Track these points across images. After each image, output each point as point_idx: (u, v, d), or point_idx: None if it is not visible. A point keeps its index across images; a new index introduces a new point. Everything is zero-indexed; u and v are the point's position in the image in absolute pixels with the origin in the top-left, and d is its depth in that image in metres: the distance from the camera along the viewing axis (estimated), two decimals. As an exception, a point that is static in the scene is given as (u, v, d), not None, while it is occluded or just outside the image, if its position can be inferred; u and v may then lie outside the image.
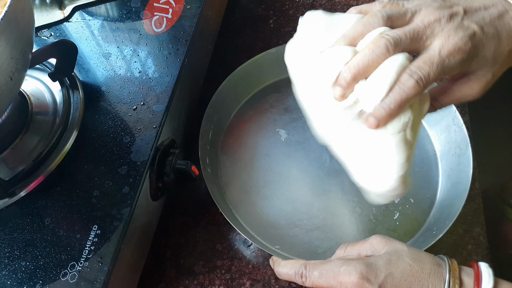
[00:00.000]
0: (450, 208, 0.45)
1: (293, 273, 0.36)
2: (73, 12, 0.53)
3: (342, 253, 0.37)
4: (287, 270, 0.37)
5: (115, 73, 0.48)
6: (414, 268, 0.32)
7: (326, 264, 0.34)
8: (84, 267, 0.37)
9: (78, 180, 0.41)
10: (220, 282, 0.47)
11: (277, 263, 0.38)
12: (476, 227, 0.49)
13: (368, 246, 0.35)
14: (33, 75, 0.49)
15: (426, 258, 0.33)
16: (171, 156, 0.45)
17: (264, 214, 0.49)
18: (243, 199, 0.50)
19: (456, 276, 0.31)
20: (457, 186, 0.47)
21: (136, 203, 0.40)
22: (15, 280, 0.37)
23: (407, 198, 0.49)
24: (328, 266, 0.34)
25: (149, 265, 0.48)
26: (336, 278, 0.33)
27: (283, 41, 0.65)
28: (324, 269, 0.34)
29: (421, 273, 0.32)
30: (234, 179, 0.51)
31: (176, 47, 0.49)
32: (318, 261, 0.35)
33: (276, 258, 0.40)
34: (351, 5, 0.68)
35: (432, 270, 0.32)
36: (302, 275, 0.35)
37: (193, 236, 0.50)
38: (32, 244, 0.38)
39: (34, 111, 0.46)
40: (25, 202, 0.40)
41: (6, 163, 0.42)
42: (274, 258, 0.40)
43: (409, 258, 0.33)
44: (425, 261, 0.33)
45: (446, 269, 0.32)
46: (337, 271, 0.33)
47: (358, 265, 0.32)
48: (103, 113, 0.45)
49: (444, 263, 0.33)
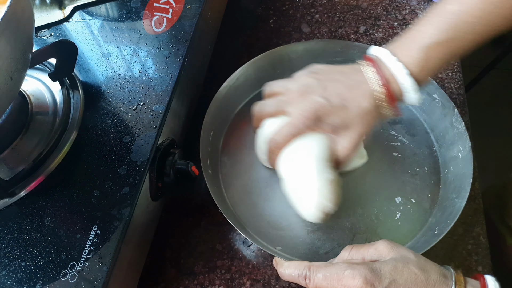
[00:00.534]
0: (451, 208, 0.45)
1: (296, 275, 0.36)
2: (73, 12, 0.53)
3: (346, 255, 0.37)
4: (290, 272, 0.37)
5: (115, 73, 0.48)
6: (420, 277, 0.32)
7: (330, 267, 0.34)
8: (84, 267, 0.37)
9: (78, 180, 0.41)
10: (220, 282, 0.47)
11: (280, 264, 0.38)
12: (476, 227, 0.49)
13: (373, 251, 0.35)
14: (33, 75, 0.49)
15: (432, 268, 0.33)
16: (171, 156, 0.45)
17: (265, 215, 0.49)
18: (244, 200, 0.50)
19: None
20: (458, 186, 0.47)
21: (136, 203, 0.40)
22: (15, 280, 0.37)
23: (408, 198, 0.49)
24: (333, 269, 0.33)
25: (149, 265, 0.48)
26: (340, 281, 0.33)
27: (283, 41, 0.65)
28: (328, 272, 0.34)
29: (426, 283, 0.32)
30: (235, 180, 0.51)
31: (176, 47, 0.49)
32: (322, 263, 0.35)
33: (279, 259, 0.40)
34: (351, 5, 0.68)
35: (438, 281, 0.32)
36: (306, 277, 0.35)
37: (193, 236, 0.50)
38: (32, 244, 0.38)
39: (34, 111, 0.46)
40: (25, 202, 0.40)
41: (6, 163, 0.42)
42: (277, 259, 0.40)
43: (415, 267, 0.32)
44: (431, 271, 0.33)
45: (452, 280, 0.32)
46: (341, 274, 0.33)
47: (363, 270, 0.32)
48: (103, 113, 0.45)
49: (450, 274, 0.32)
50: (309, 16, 0.67)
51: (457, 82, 0.59)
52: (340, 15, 0.67)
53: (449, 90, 0.59)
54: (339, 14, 0.67)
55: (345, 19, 0.66)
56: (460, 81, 0.60)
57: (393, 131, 0.54)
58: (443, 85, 0.59)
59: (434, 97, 0.53)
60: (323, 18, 0.67)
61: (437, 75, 0.60)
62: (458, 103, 0.57)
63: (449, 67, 0.61)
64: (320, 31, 0.65)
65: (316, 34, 0.65)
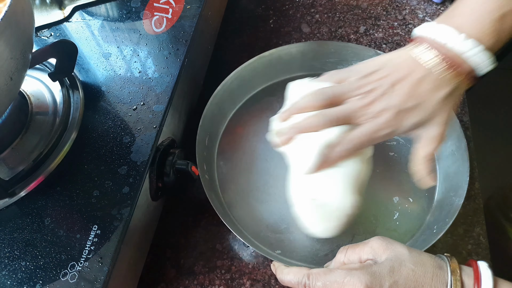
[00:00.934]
0: (449, 206, 0.45)
1: (295, 282, 0.36)
2: (73, 12, 0.53)
3: (342, 257, 0.37)
4: (289, 279, 0.37)
5: (115, 73, 0.48)
6: (417, 273, 0.32)
7: (330, 274, 0.34)
8: (84, 267, 0.37)
9: (78, 180, 0.41)
10: (220, 282, 0.47)
11: (280, 270, 0.38)
12: (476, 227, 0.49)
13: (368, 250, 0.35)
14: (33, 75, 0.49)
15: (427, 260, 0.33)
16: (171, 156, 0.45)
17: (264, 218, 0.49)
18: (242, 204, 0.50)
19: (458, 278, 0.32)
20: (455, 184, 0.47)
21: (136, 203, 0.40)
22: (15, 280, 0.37)
23: (406, 198, 0.49)
24: (332, 277, 0.33)
25: (149, 265, 0.48)
26: None
27: (283, 41, 0.65)
28: (328, 280, 0.33)
29: (424, 277, 0.32)
30: (232, 185, 0.51)
31: (176, 47, 0.49)
32: (321, 271, 0.35)
33: (278, 264, 0.40)
34: (351, 5, 0.68)
35: (434, 274, 0.32)
36: (306, 285, 0.35)
37: (193, 236, 0.50)
38: (32, 244, 0.38)
39: (34, 111, 0.46)
40: (25, 202, 0.40)
41: (6, 163, 0.42)
42: (276, 264, 0.40)
43: (411, 263, 0.33)
44: (427, 264, 0.33)
45: (447, 271, 0.32)
46: (341, 282, 0.33)
47: (362, 276, 0.32)
48: (103, 113, 0.45)
49: (445, 264, 0.33)
50: (309, 16, 0.67)
51: (457, 82, 0.59)
52: (340, 15, 0.67)
53: (449, 90, 0.59)
54: (339, 14, 0.67)
55: (345, 19, 0.66)
56: (460, 81, 0.60)
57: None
58: (443, 85, 0.59)
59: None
60: (323, 18, 0.67)
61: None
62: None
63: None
64: (320, 31, 0.65)
65: (316, 34, 0.65)
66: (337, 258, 0.37)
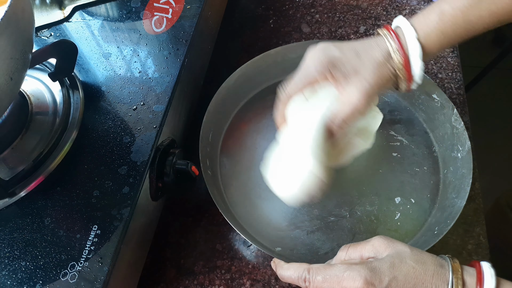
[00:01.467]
0: (451, 208, 0.45)
1: (296, 277, 0.36)
2: (73, 12, 0.53)
3: (344, 255, 0.37)
4: (289, 274, 0.37)
5: (115, 73, 0.48)
6: (418, 270, 0.32)
7: (330, 269, 0.34)
8: (84, 267, 0.37)
9: (78, 180, 0.41)
10: (220, 282, 0.47)
11: (280, 266, 0.38)
12: (476, 227, 0.49)
13: (370, 248, 0.35)
14: (33, 75, 0.49)
15: (429, 259, 0.33)
16: (171, 156, 0.45)
17: (265, 215, 0.49)
18: (244, 201, 0.50)
19: (459, 277, 0.32)
20: (458, 186, 0.47)
21: (136, 203, 0.40)
22: (15, 280, 0.37)
23: (408, 198, 0.49)
24: (332, 271, 0.34)
25: (149, 265, 0.48)
26: (340, 283, 0.33)
27: (283, 41, 0.65)
28: (327, 274, 0.34)
29: (424, 275, 0.32)
30: (234, 181, 0.51)
31: (176, 47, 0.49)
32: (322, 266, 0.35)
33: (278, 260, 0.40)
34: (351, 5, 0.68)
35: (435, 272, 0.32)
36: (306, 279, 0.35)
37: (193, 236, 0.50)
38: (32, 244, 0.38)
39: (34, 111, 0.46)
40: (25, 202, 0.40)
41: (6, 163, 0.42)
42: (276, 260, 0.40)
43: (412, 260, 0.33)
44: (428, 262, 0.33)
45: (449, 270, 0.32)
46: (341, 276, 0.33)
47: (362, 270, 0.32)
48: (103, 113, 0.45)
49: (447, 263, 0.33)
50: (309, 16, 0.67)
51: (457, 82, 0.59)
52: (340, 15, 0.67)
53: (449, 90, 0.59)
54: (339, 14, 0.67)
55: (345, 19, 0.66)
56: (460, 81, 0.60)
57: (392, 131, 0.54)
58: (443, 85, 0.59)
59: (433, 97, 0.53)
60: (323, 18, 0.67)
61: (437, 75, 0.60)
62: (458, 103, 0.57)
63: (449, 67, 0.61)
64: (320, 31, 0.65)
65: (316, 34, 0.65)
66: (338, 256, 0.37)
